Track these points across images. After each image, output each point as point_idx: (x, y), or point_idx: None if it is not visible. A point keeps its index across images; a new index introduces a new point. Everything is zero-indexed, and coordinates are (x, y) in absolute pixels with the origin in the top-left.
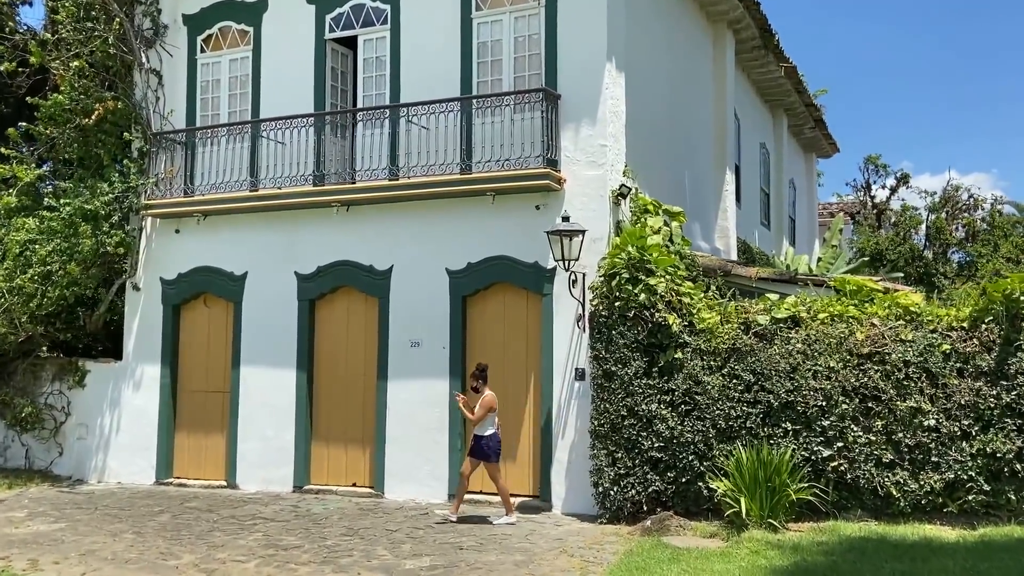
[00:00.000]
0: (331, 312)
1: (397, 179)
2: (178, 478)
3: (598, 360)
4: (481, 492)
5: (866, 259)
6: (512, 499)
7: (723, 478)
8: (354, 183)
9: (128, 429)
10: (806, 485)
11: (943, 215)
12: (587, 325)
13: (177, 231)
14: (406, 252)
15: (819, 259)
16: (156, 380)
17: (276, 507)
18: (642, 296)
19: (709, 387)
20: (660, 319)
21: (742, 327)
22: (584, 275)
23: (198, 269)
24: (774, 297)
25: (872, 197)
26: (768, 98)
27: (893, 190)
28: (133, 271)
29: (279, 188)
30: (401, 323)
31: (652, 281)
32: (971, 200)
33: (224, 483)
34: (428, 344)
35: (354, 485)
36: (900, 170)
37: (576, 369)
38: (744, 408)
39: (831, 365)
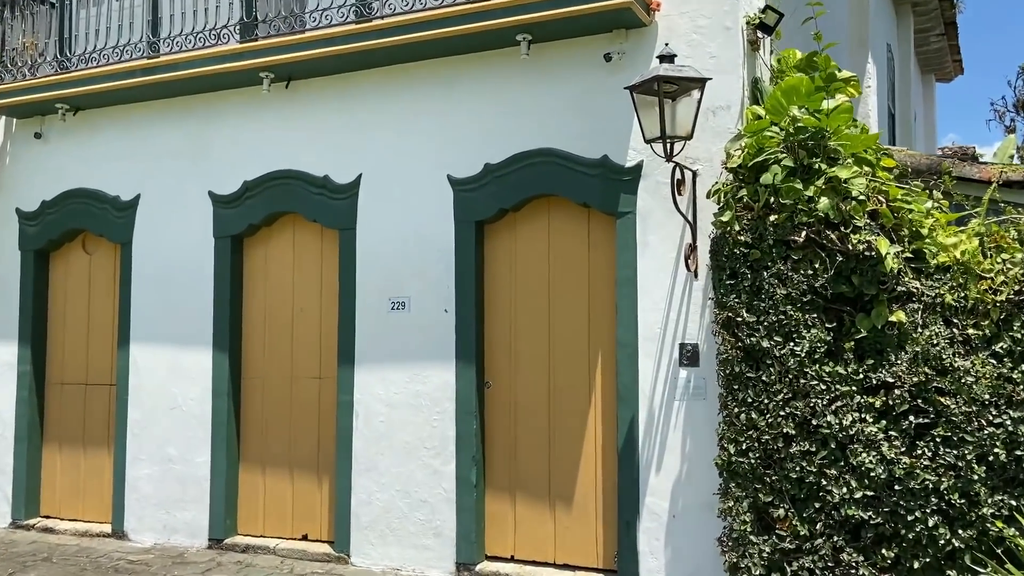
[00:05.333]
0: (267, 255)
1: (369, 21)
2: (47, 517)
3: (731, 328)
4: (512, 559)
5: None
6: None
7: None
8: (303, 32)
9: None
10: None
11: None
12: (705, 263)
13: (37, 135)
14: (382, 151)
15: None
16: (12, 367)
17: None
18: (823, 202)
19: (965, 380)
20: (860, 246)
21: None
22: (696, 173)
23: (71, 193)
24: None
25: None
26: None
27: None
28: None
29: (184, 52)
30: (377, 271)
31: (843, 174)
32: None
33: (109, 528)
34: (420, 304)
35: (304, 538)
36: None
37: (683, 346)
38: None
39: None
